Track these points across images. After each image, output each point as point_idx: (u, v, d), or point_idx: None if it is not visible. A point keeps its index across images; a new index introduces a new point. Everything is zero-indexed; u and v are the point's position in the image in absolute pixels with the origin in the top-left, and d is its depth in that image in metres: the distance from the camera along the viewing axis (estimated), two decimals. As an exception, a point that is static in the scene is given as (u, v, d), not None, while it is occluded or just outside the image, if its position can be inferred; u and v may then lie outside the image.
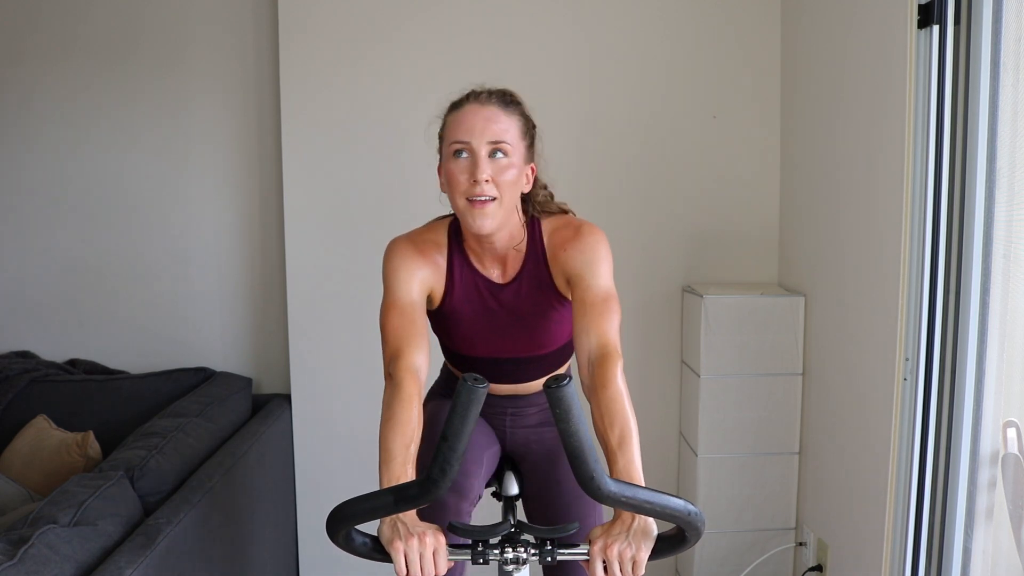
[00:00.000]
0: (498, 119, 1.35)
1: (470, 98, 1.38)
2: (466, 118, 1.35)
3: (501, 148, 1.34)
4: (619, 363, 1.27)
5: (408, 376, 1.28)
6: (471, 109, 1.35)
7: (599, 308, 1.33)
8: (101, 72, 2.60)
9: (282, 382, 2.72)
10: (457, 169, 1.34)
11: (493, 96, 1.37)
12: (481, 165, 1.32)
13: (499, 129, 1.34)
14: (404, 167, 2.53)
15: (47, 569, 1.29)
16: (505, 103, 1.38)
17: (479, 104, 1.36)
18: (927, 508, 1.79)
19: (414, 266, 1.41)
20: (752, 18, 2.53)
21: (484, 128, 1.33)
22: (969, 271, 1.66)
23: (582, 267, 1.38)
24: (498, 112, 1.35)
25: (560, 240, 1.43)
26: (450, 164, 1.35)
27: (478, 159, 1.32)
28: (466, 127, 1.34)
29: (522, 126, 1.39)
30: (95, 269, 2.68)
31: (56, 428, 2.32)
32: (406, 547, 1.10)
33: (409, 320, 1.36)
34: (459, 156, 1.34)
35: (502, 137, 1.34)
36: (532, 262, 1.45)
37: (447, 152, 1.37)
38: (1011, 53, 1.57)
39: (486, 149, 1.33)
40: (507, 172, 1.34)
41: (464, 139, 1.33)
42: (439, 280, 1.45)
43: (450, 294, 1.46)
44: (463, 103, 1.38)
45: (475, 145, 1.33)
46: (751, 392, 2.40)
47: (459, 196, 1.35)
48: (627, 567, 1.10)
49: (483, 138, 1.33)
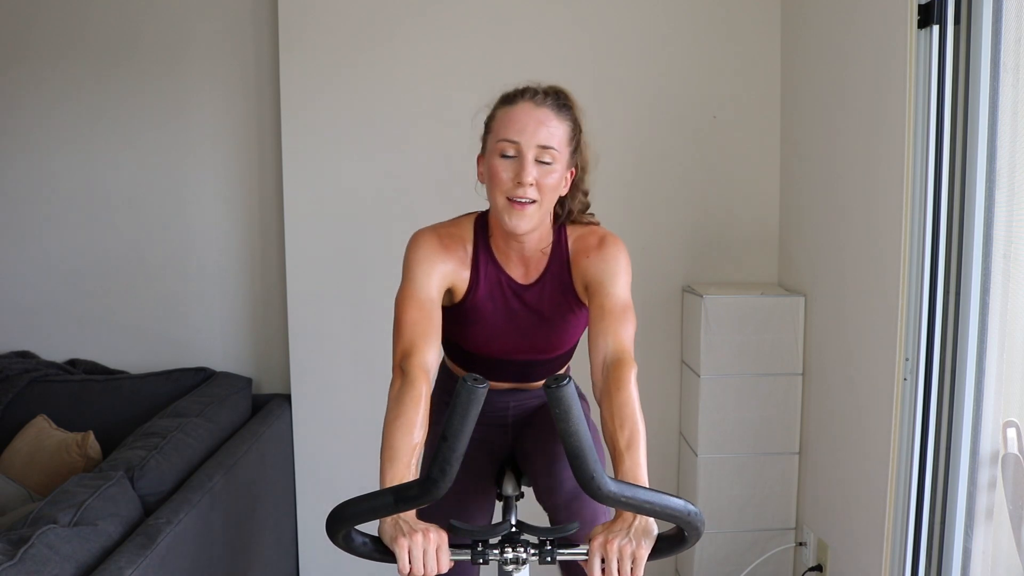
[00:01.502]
0: (550, 123, 1.33)
1: (525, 95, 1.35)
2: (519, 117, 1.33)
3: (549, 153, 1.33)
4: (634, 370, 1.28)
5: (420, 374, 1.27)
6: (524, 108, 1.33)
7: (617, 315, 1.35)
8: (101, 72, 2.60)
9: (282, 382, 2.72)
10: (502, 167, 1.33)
11: (548, 97, 1.35)
12: (527, 168, 1.31)
13: (549, 133, 1.32)
14: (404, 166, 2.53)
15: (47, 569, 1.29)
16: (559, 106, 1.36)
17: (533, 104, 1.34)
18: (927, 508, 1.79)
19: (438, 260, 1.40)
20: (752, 18, 2.54)
21: (535, 131, 1.32)
22: (969, 271, 1.66)
23: (603, 276, 1.39)
24: (551, 115, 1.34)
25: (584, 247, 1.44)
26: (495, 160, 1.34)
27: (525, 161, 1.32)
28: (517, 127, 1.32)
29: (570, 131, 1.38)
30: (95, 269, 2.68)
31: (56, 428, 2.32)
32: (410, 543, 1.10)
33: (427, 315, 1.35)
34: (506, 154, 1.33)
35: (551, 143, 1.33)
36: (556, 265, 1.46)
37: (493, 147, 1.35)
38: (1011, 53, 1.57)
39: (534, 152, 1.32)
40: (551, 176, 1.34)
41: (514, 138, 1.32)
42: (462, 276, 1.44)
43: (474, 291, 1.45)
44: (516, 99, 1.35)
45: (524, 147, 1.32)
46: (751, 392, 2.40)
47: (500, 194, 1.34)
48: (626, 565, 1.09)
49: (533, 140, 1.32)
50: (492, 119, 1.38)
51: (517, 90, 1.37)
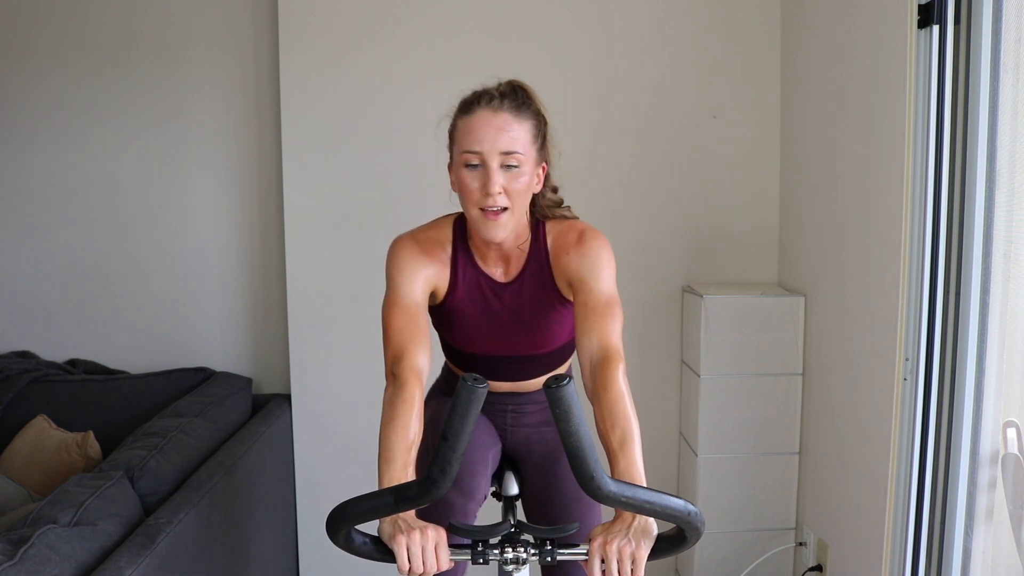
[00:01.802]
0: (510, 127, 1.32)
1: (481, 102, 1.33)
2: (477, 127, 1.31)
3: (514, 157, 1.32)
4: (621, 365, 1.27)
5: (412, 377, 1.28)
6: (482, 117, 1.32)
7: (601, 312, 1.33)
8: (101, 72, 2.60)
9: (282, 382, 2.72)
10: (469, 179, 1.33)
11: (505, 100, 1.33)
12: (493, 177, 1.31)
13: (511, 139, 1.31)
14: (404, 166, 2.53)
15: (47, 569, 1.29)
16: (517, 107, 1.34)
17: (491, 111, 1.32)
18: (927, 508, 1.79)
19: (418, 265, 1.41)
20: (752, 18, 2.53)
21: (496, 139, 1.31)
22: (969, 271, 1.65)
23: (584, 271, 1.38)
24: (510, 120, 1.32)
25: (563, 244, 1.43)
26: (462, 172, 1.34)
27: (490, 171, 1.31)
28: (477, 137, 1.31)
29: (534, 129, 1.36)
30: (95, 269, 2.68)
31: (56, 428, 2.32)
32: (408, 540, 1.10)
33: (413, 320, 1.36)
34: (471, 164, 1.32)
35: (514, 147, 1.31)
36: (535, 262, 1.45)
37: (458, 158, 1.35)
38: (1011, 53, 1.57)
39: (497, 160, 1.31)
40: (519, 180, 1.33)
41: (475, 148, 1.31)
42: (443, 278, 1.45)
43: (453, 291, 1.46)
44: (474, 107, 1.34)
45: (487, 155, 1.31)
46: (751, 392, 2.40)
47: (472, 206, 1.34)
48: (626, 565, 1.09)
49: (495, 149, 1.31)
50: (454, 128, 1.37)
51: (474, 95, 1.36)
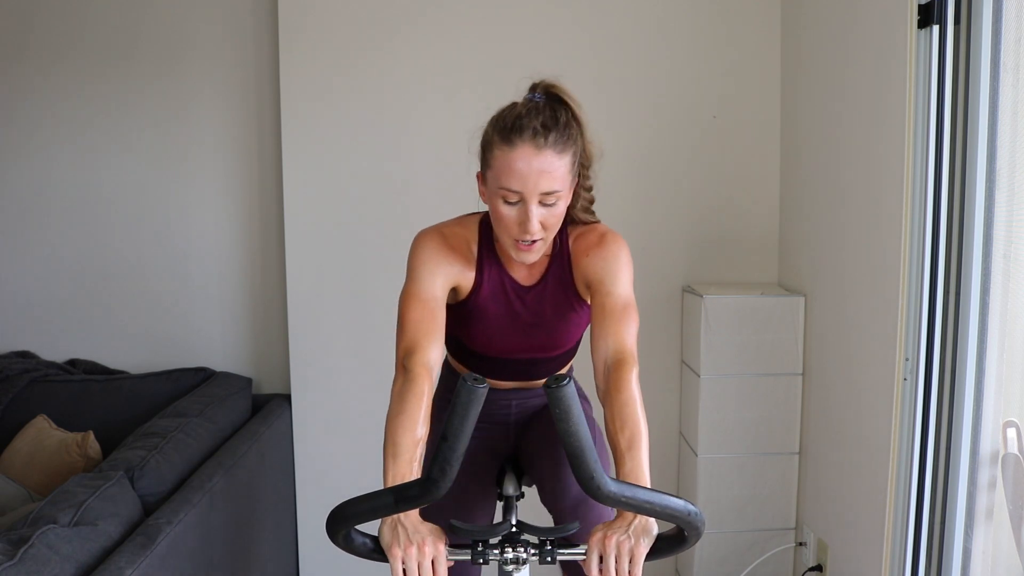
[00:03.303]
0: (553, 168, 1.26)
1: (524, 134, 1.26)
2: (519, 166, 1.25)
3: (553, 196, 1.28)
4: (634, 369, 1.28)
5: (423, 371, 1.27)
6: (524, 155, 1.25)
7: (618, 315, 1.33)
8: (100, 73, 2.60)
9: (282, 382, 2.72)
10: (505, 210, 1.30)
11: (550, 135, 1.26)
12: (532, 218, 1.28)
13: (552, 179, 1.26)
14: (404, 166, 2.53)
15: (47, 569, 1.29)
16: (560, 140, 1.27)
17: (534, 148, 1.25)
18: (927, 508, 1.79)
19: (442, 260, 1.40)
20: (752, 18, 2.53)
21: (538, 181, 1.25)
22: (969, 271, 1.66)
23: (604, 274, 1.38)
24: (552, 159, 1.26)
25: (584, 246, 1.43)
26: (498, 203, 1.30)
27: (529, 210, 1.27)
28: (519, 177, 1.26)
29: (574, 155, 1.31)
30: (95, 269, 2.68)
31: (56, 428, 2.32)
32: (404, 555, 1.10)
33: (430, 314, 1.35)
34: (508, 201, 1.29)
35: (554, 187, 1.27)
36: (557, 266, 1.45)
37: (495, 189, 1.30)
38: (1011, 53, 1.57)
39: (537, 198, 1.27)
40: (555, 212, 1.30)
41: (516, 188, 1.26)
42: (467, 276, 1.44)
43: (477, 291, 1.45)
44: (515, 140, 1.26)
45: (527, 196, 1.27)
46: (751, 392, 2.40)
47: (506, 236, 1.33)
48: (624, 561, 1.09)
49: (536, 190, 1.26)
50: (490, 153, 1.30)
51: (516, 121, 1.27)
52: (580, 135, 1.34)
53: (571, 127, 1.31)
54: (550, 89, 1.36)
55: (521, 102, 1.34)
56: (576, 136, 1.32)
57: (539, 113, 1.29)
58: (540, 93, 1.35)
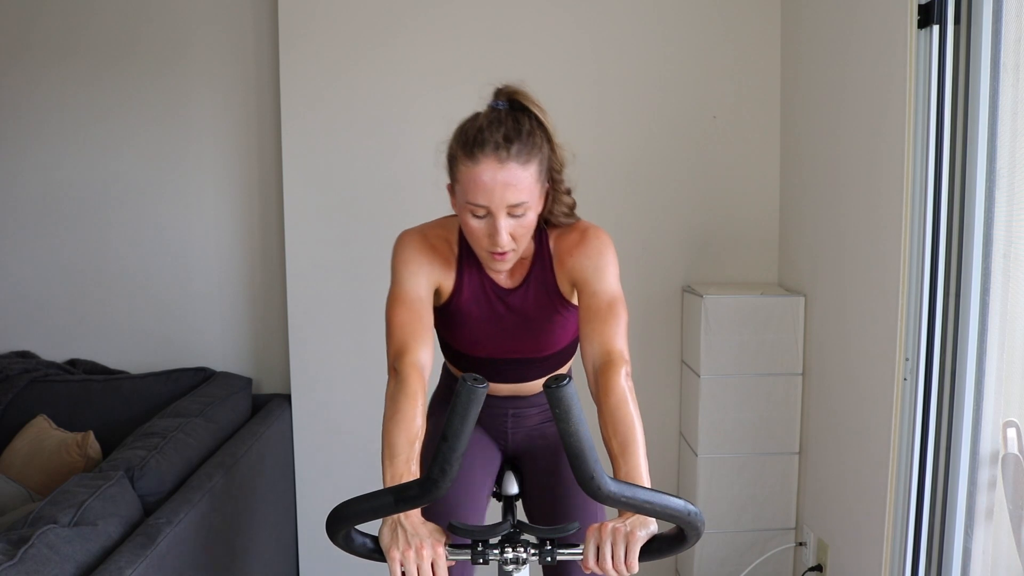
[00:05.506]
0: (517, 180, 1.25)
1: (486, 148, 1.24)
2: (483, 181, 1.24)
3: (520, 207, 1.27)
4: (624, 368, 1.27)
5: (413, 372, 1.27)
6: (488, 169, 1.24)
7: (604, 315, 1.33)
8: (100, 72, 2.60)
9: (282, 382, 2.72)
10: (474, 224, 1.29)
11: (512, 146, 1.25)
12: (501, 230, 1.27)
13: (518, 191, 1.26)
14: (404, 166, 2.53)
15: (47, 569, 1.29)
16: (524, 151, 1.26)
17: (496, 162, 1.24)
18: (927, 508, 1.79)
19: (424, 260, 1.40)
20: (752, 18, 2.54)
21: (503, 194, 1.25)
22: (969, 271, 1.65)
23: (588, 272, 1.37)
24: (516, 171, 1.25)
25: (566, 245, 1.42)
26: (467, 217, 1.29)
27: (497, 223, 1.27)
28: (484, 191, 1.25)
29: (540, 164, 1.29)
30: (95, 269, 2.68)
31: (56, 428, 2.32)
32: (403, 558, 1.10)
33: (416, 315, 1.35)
34: (476, 215, 1.29)
35: (521, 198, 1.26)
36: (539, 267, 1.44)
37: (462, 202, 1.29)
38: (1011, 53, 1.57)
39: (504, 211, 1.27)
40: (525, 222, 1.30)
41: (482, 203, 1.26)
42: (448, 277, 1.44)
43: (458, 294, 1.45)
44: (477, 154, 1.25)
45: (494, 209, 1.26)
46: (751, 392, 2.40)
47: (479, 248, 1.33)
48: (619, 549, 1.09)
49: (503, 203, 1.26)
50: (456, 168, 1.29)
51: (477, 134, 1.26)
52: (546, 141, 1.32)
53: (535, 135, 1.29)
54: (513, 96, 1.33)
55: (484, 112, 1.32)
56: (541, 143, 1.30)
57: (501, 124, 1.27)
58: (503, 100, 1.33)
